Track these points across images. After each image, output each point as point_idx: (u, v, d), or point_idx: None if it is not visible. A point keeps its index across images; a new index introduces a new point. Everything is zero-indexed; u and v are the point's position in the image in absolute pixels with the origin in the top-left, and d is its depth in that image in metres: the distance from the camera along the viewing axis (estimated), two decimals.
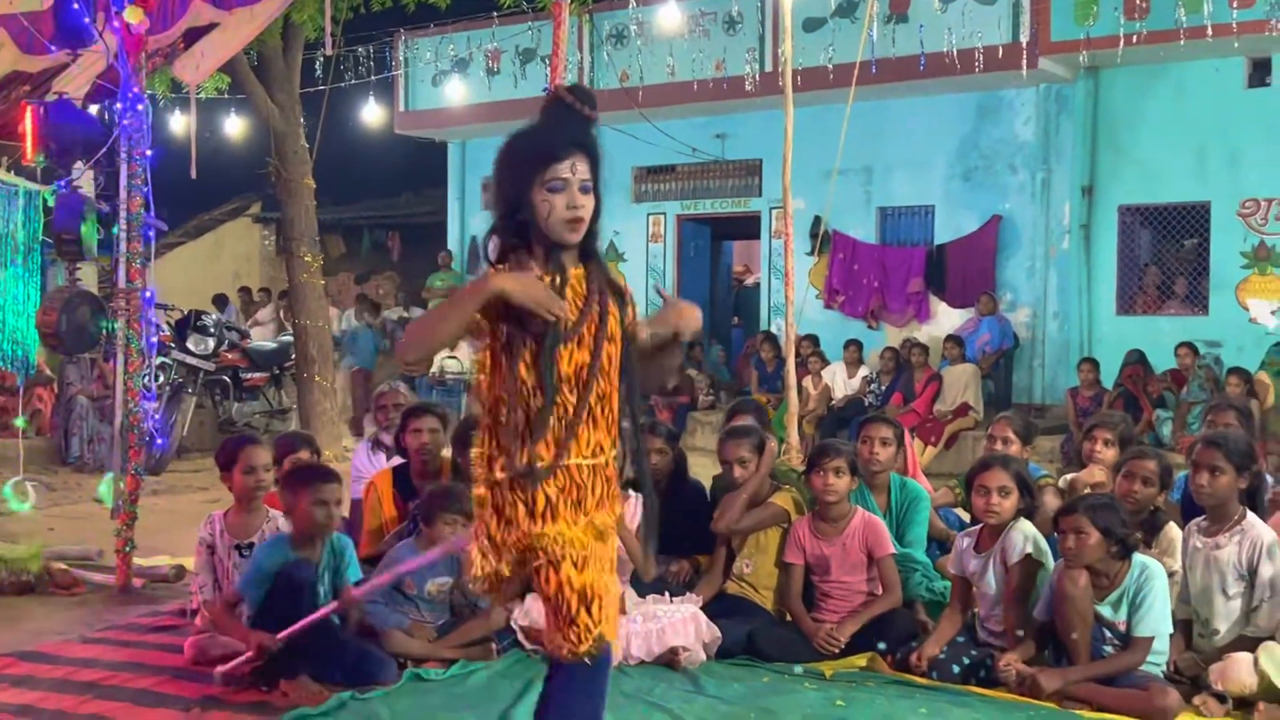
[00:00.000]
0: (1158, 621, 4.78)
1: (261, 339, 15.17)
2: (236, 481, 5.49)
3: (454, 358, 16.79)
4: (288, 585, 4.91)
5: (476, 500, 3.21)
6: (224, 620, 5.00)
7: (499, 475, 3.15)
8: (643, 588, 5.68)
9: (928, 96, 14.61)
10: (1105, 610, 4.82)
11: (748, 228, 17.07)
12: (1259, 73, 13.13)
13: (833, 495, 5.53)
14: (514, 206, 3.20)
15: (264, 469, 5.45)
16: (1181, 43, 12.25)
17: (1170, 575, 5.08)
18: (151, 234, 6.61)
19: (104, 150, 6.74)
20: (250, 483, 5.44)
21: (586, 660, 3.14)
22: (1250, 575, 4.97)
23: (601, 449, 3.22)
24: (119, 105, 6.54)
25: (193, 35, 7.26)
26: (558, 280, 3.17)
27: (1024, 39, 13.37)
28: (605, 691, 3.26)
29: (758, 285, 17.55)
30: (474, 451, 3.22)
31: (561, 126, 3.22)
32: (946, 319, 14.88)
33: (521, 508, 3.13)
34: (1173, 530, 5.45)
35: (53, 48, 6.85)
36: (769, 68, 14.80)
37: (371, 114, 17.76)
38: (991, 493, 5.20)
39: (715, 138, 16.26)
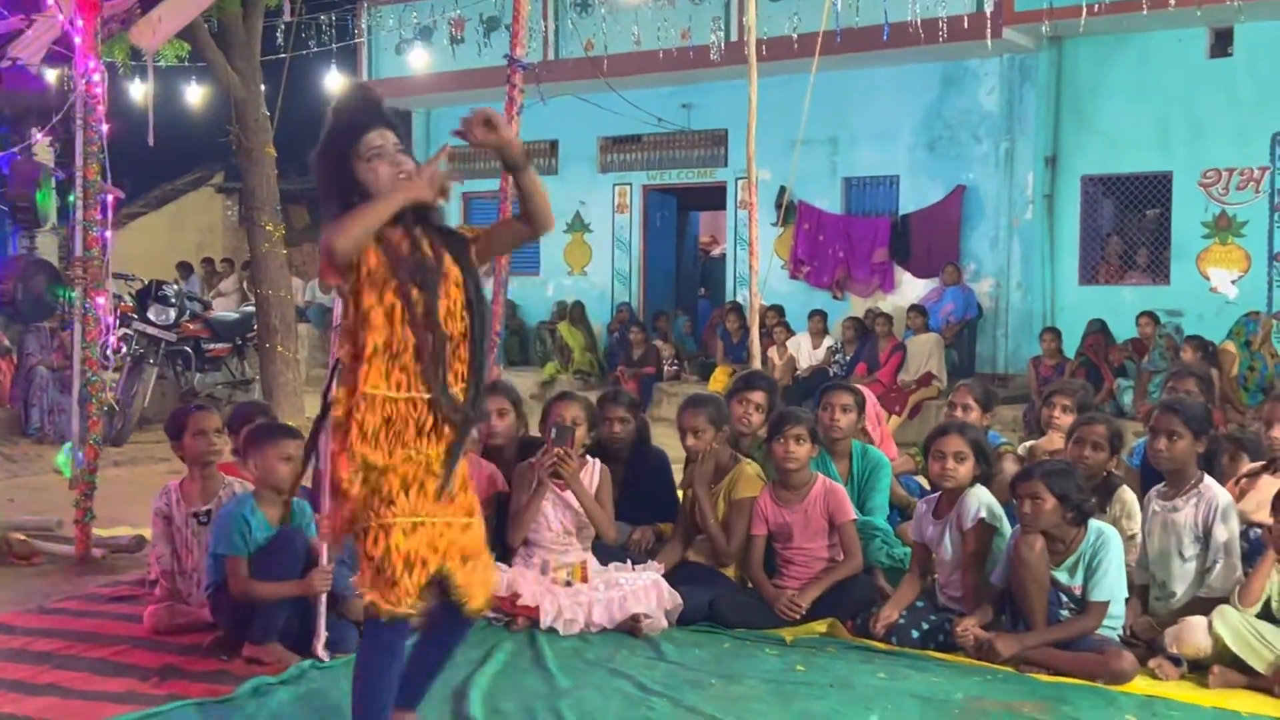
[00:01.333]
0: (1113, 586, 4.83)
1: (224, 309, 15.06)
2: (187, 446, 5.45)
3: None
4: (281, 550, 4.89)
5: (334, 421, 3.45)
6: (248, 585, 4.85)
7: (347, 396, 3.40)
8: (605, 555, 5.69)
9: (892, 66, 14.61)
10: (1061, 575, 4.86)
11: (714, 198, 17.06)
12: (1221, 43, 13.20)
13: (794, 463, 5.54)
14: (345, 191, 3.46)
15: (214, 433, 5.41)
16: (1144, 13, 12.28)
17: (1130, 538, 5.13)
18: (109, 201, 6.54)
19: (60, 117, 6.65)
20: (202, 445, 5.40)
21: (395, 621, 3.40)
22: (1205, 537, 5.03)
23: (446, 385, 3.44)
24: (74, 71, 6.45)
25: (149, 1, 7.18)
26: (410, 240, 3.45)
27: (988, 9, 13.38)
28: (402, 650, 3.56)
29: (724, 256, 17.55)
30: (332, 396, 3.50)
31: (354, 108, 3.55)
32: (911, 289, 14.94)
33: (355, 428, 3.37)
34: (1126, 493, 5.50)
35: (5, 12, 6.75)
36: (734, 37, 14.75)
37: (335, 82, 17.55)
38: (947, 458, 5.23)
39: (681, 108, 16.22)
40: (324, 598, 4.82)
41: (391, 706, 3.58)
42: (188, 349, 12.37)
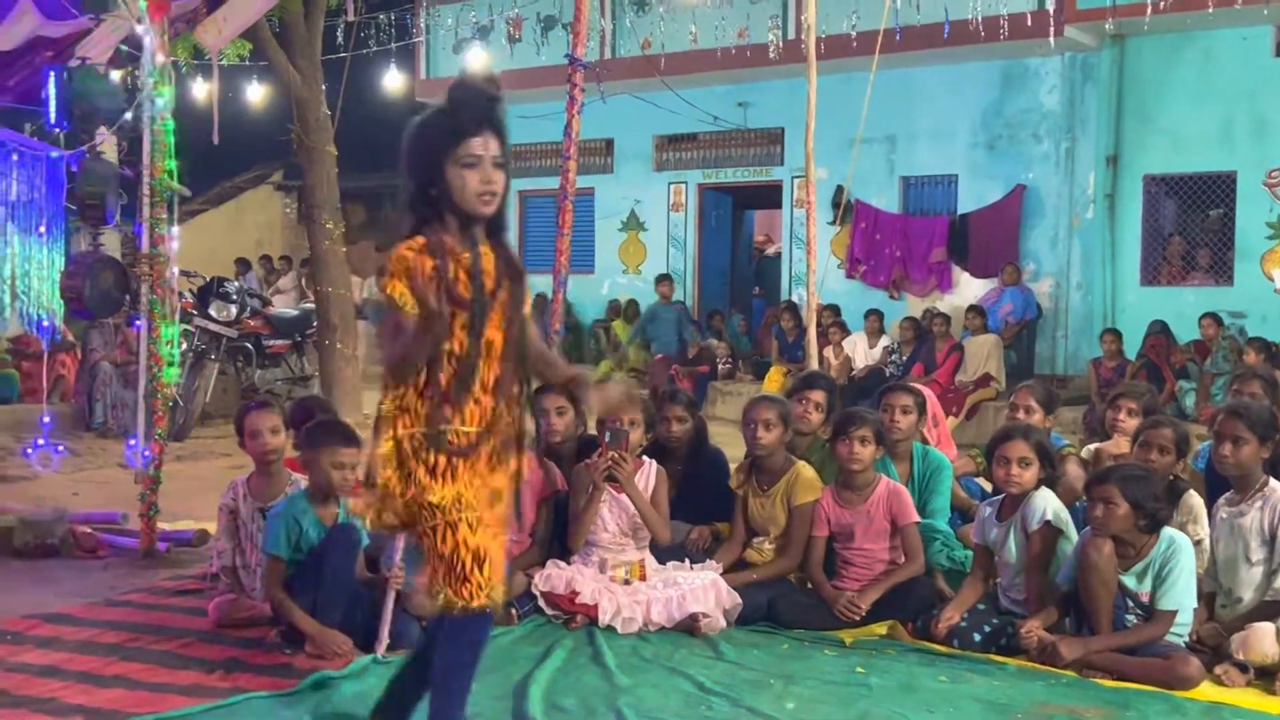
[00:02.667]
0: (1182, 595, 4.77)
1: (283, 306, 15.19)
2: (246, 446, 5.54)
3: None
4: (337, 547, 4.95)
5: (381, 455, 3.39)
6: (290, 610, 4.91)
7: (405, 432, 3.36)
8: (663, 554, 5.69)
9: (951, 64, 14.51)
10: (1129, 581, 4.80)
11: (769, 197, 17.02)
12: None
13: (858, 464, 5.52)
14: (427, 182, 3.39)
15: (269, 432, 5.45)
16: (1209, 10, 12.11)
17: (1196, 544, 5.07)
18: (175, 200, 6.62)
19: (127, 116, 6.74)
20: (257, 447, 5.47)
21: (474, 614, 3.39)
22: (1272, 541, 4.96)
23: (498, 417, 3.45)
24: (142, 70, 6.54)
25: (215, 0, 7.26)
26: (470, 255, 3.38)
27: (1050, 6, 13.26)
28: (485, 645, 3.55)
29: (778, 255, 17.49)
30: (382, 407, 3.42)
31: (471, 106, 3.39)
32: (969, 289, 14.83)
33: (423, 468, 3.35)
34: (1193, 498, 5.43)
35: (75, 12, 6.85)
36: (792, 35, 14.71)
37: (393, 81, 17.72)
38: (1012, 463, 5.18)
39: (737, 106, 16.20)
40: (391, 597, 4.85)
41: (466, 706, 3.55)
42: (248, 345, 12.49)
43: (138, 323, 6.66)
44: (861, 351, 13.89)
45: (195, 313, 11.90)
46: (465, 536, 3.36)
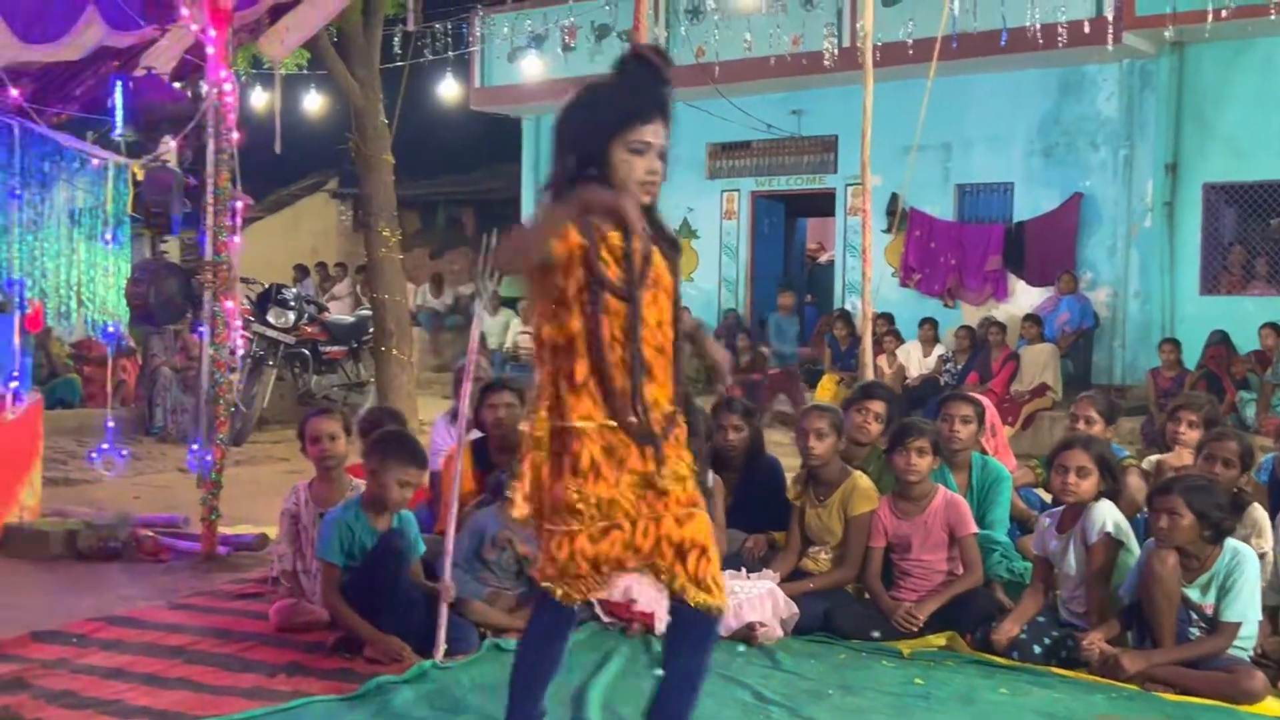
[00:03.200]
0: (1246, 607, 4.71)
1: (339, 313, 15.33)
2: (309, 452, 5.63)
3: (527, 333, 16.91)
4: (386, 555, 4.99)
5: (533, 442, 3.27)
6: (347, 616, 4.95)
7: (559, 423, 3.22)
8: (721, 563, 5.68)
9: (1008, 72, 14.42)
10: (1193, 593, 4.75)
11: (823, 205, 16.97)
12: None
13: (915, 475, 5.49)
14: (586, 160, 3.21)
15: (329, 438, 5.52)
16: (1271, 16, 11.98)
17: (1260, 557, 5.00)
18: (239, 207, 6.71)
19: (192, 125, 6.84)
20: (318, 452, 5.54)
21: (566, 603, 3.32)
22: None
23: (658, 403, 3.27)
24: (207, 80, 6.63)
25: (278, 11, 7.35)
26: (622, 235, 3.21)
27: (1108, 13, 13.14)
28: (567, 639, 3.52)
29: (831, 263, 17.44)
30: (533, 398, 3.31)
31: (646, 88, 3.23)
32: (1025, 297, 14.72)
33: (567, 462, 3.21)
34: (1257, 511, 5.35)
35: (140, 23, 6.95)
36: (847, 43, 14.69)
37: (448, 90, 17.85)
38: (1070, 472, 5.14)
39: (791, 114, 16.17)
40: (445, 605, 4.89)
41: (544, 693, 3.50)
42: (305, 351, 12.62)
43: (201, 329, 6.73)
44: (915, 360, 13.83)
45: (253, 319, 12.04)
46: (583, 547, 3.23)
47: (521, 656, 3.52)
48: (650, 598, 5.37)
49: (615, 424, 3.21)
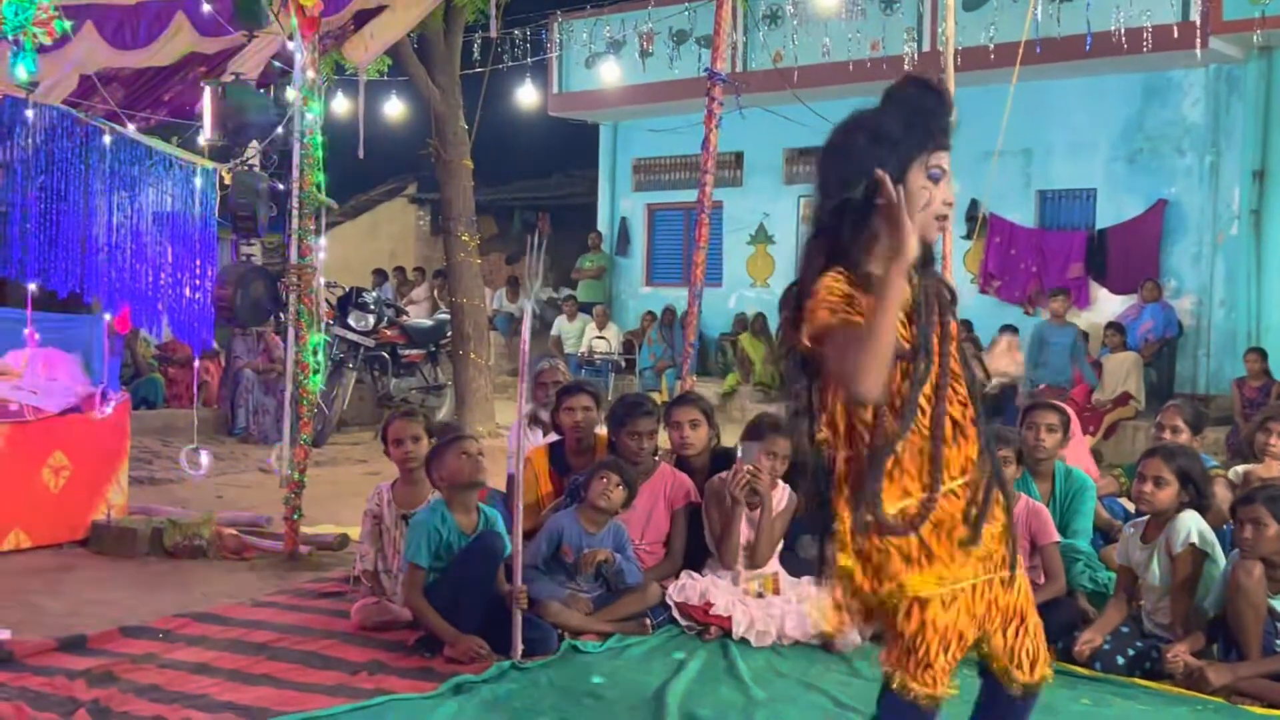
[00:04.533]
0: None
1: (416, 317, 15.48)
2: (391, 454, 5.70)
3: (602, 338, 16.96)
4: (482, 553, 5.05)
5: (842, 552, 2.84)
6: (429, 616, 5.02)
7: (870, 518, 2.78)
8: (797, 568, 5.67)
9: (1091, 77, 14.22)
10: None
11: None
12: None
13: None
14: (873, 188, 2.78)
15: (411, 440, 5.59)
16: None
17: None
18: (322, 212, 6.80)
19: (278, 130, 6.94)
20: (399, 454, 5.62)
21: (927, 703, 2.91)
22: None
23: (969, 466, 2.88)
24: (294, 86, 6.73)
25: (362, 17, 7.44)
26: (915, 286, 2.85)
27: (1195, 18, 12.92)
28: None
29: None
30: (836, 497, 2.86)
31: (940, 113, 2.94)
32: (1107, 305, 14.50)
33: (896, 554, 2.79)
34: None
35: (229, 29, 7.07)
36: (927, 48, 14.57)
37: (525, 96, 17.91)
38: (1147, 480, 5.07)
39: None
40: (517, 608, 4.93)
41: None
42: (384, 354, 12.76)
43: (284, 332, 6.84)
44: None
45: (334, 322, 12.19)
46: (935, 616, 2.82)
47: None
48: (727, 602, 5.38)
49: (937, 494, 2.82)
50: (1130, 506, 6.13)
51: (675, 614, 5.44)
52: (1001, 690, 3.09)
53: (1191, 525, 5.02)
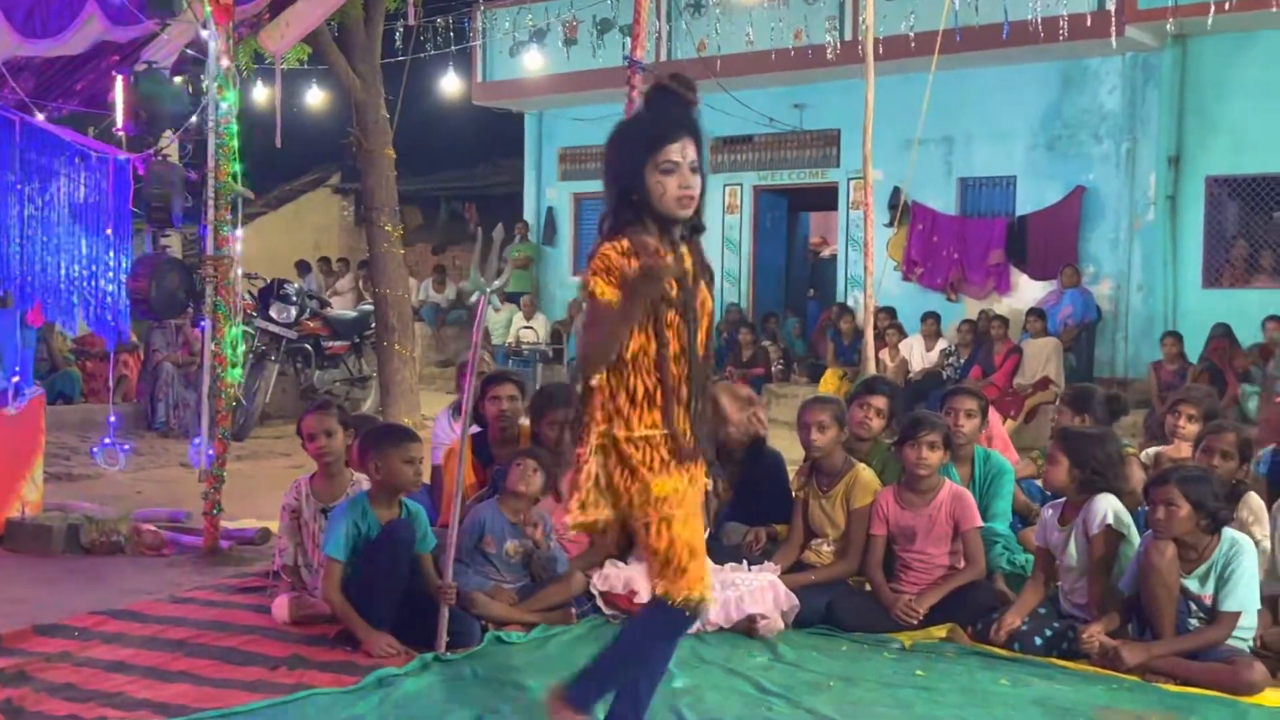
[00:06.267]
0: (1245, 597, 4.72)
1: (340, 308, 15.34)
2: (307, 449, 5.63)
3: (530, 328, 16.91)
4: (390, 544, 5.01)
5: (596, 450, 3.44)
6: (345, 612, 4.98)
7: (622, 433, 3.41)
8: (721, 555, 5.69)
9: (1010, 65, 14.39)
10: (1192, 584, 4.76)
11: (825, 199, 16.95)
12: None
13: (925, 469, 5.50)
14: (629, 188, 3.43)
15: (325, 434, 5.50)
16: (1274, 9, 11.96)
17: (1256, 544, 5.01)
18: (239, 202, 6.70)
19: (192, 119, 6.84)
20: (314, 449, 5.54)
21: (688, 607, 3.43)
22: None
23: (697, 419, 3.50)
24: (207, 75, 6.63)
25: (278, 5, 7.34)
26: (671, 254, 3.43)
27: (1110, 6, 13.12)
28: (676, 644, 3.60)
29: (834, 257, 17.43)
30: (593, 408, 3.46)
31: (669, 112, 3.46)
32: (1028, 291, 14.70)
33: (642, 464, 3.41)
34: (1255, 499, 5.35)
35: (141, 17, 6.94)
36: (849, 36, 14.66)
37: (449, 85, 17.84)
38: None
39: (793, 108, 16.15)
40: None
41: (650, 695, 3.59)
42: (308, 346, 12.63)
43: (203, 323, 6.74)
44: (918, 354, 13.82)
45: (256, 314, 12.05)
46: (679, 532, 3.41)
47: (629, 657, 3.58)
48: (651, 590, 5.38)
49: (671, 432, 3.44)
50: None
51: (600, 603, 5.45)
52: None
53: (1107, 507, 5.11)
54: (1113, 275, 14.25)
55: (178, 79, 7.18)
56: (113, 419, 8.58)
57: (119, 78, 7.02)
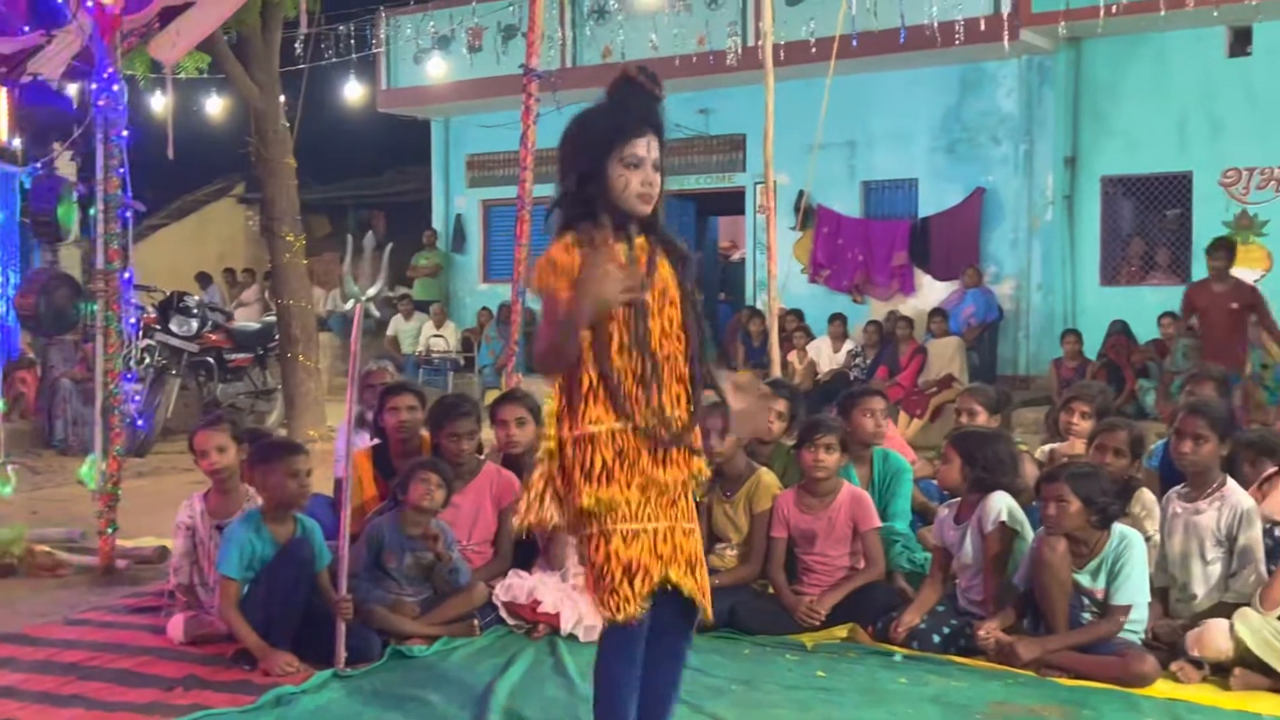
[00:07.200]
0: (1135, 590, 4.82)
1: (246, 319, 15.14)
2: (200, 466, 5.53)
3: (440, 336, 16.80)
4: (291, 563, 4.96)
5: (545, 453, 3.41)
6: (242, 630, 4.91)
7: (568, 433, 3.35)
8: None
9: (909, 69, 14.58)
10: (1084, 579, 4.85)
11: (733, 203, 17.05)
12: (1239, 42, 13.14)
13: (823, 471, 5.53)
14: (586, 178, 3.36)
15: (216, 450, 5.41)
16: (1162, 13, 12.25)
17: (1147, 539, 5.12)
18: (129, 215, 6.58)
19: (80, 132, 6.71)
20: (206, 465, 5.46)
21: (620, 626, 3.36)
22: (1230, 542, 5.01)
23: (664, 410, 3.37)
24: (94, 86, 6.50)
25: (168, 14, 7.23)
26: (625, 249, 3.37)
27: (1005, 10, 13.36)
28: (638, 655, 3.45)
29: (744, 260, 17.53)
30: (546, 408, 3.45)
31: (636, 105, 3.41)
32: (931, 292, 14.90)
33: (578, 469, 3.33)
34: (1146, 494, 5.48)
35: (26, 28, 6.81)
36: (751, 42, 14.76)
37: (354, 92, 17.70)
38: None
39: (699, 113, 16.21)
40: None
41: (633, 709, 3.50)
42: (210, 359, 12.45)
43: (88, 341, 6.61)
44: (826, 355, 13.94)
45: (156, 328, 11.85)
46: (617, 548, 3.33)
47: (599, 687, 3.52)
48: (554, 599, 5.37)
49: (625, 427, 3.33)
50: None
51: (503, 614, 5.42)
52: (679, 622, 3.54)
53: (1001, 504, 5.20)
54: (1013, 274, 14.50)
55: (69, 90, 7.04)
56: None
57: (3, 90, 6.86)
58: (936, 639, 5.12)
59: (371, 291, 17.02)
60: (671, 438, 3.37)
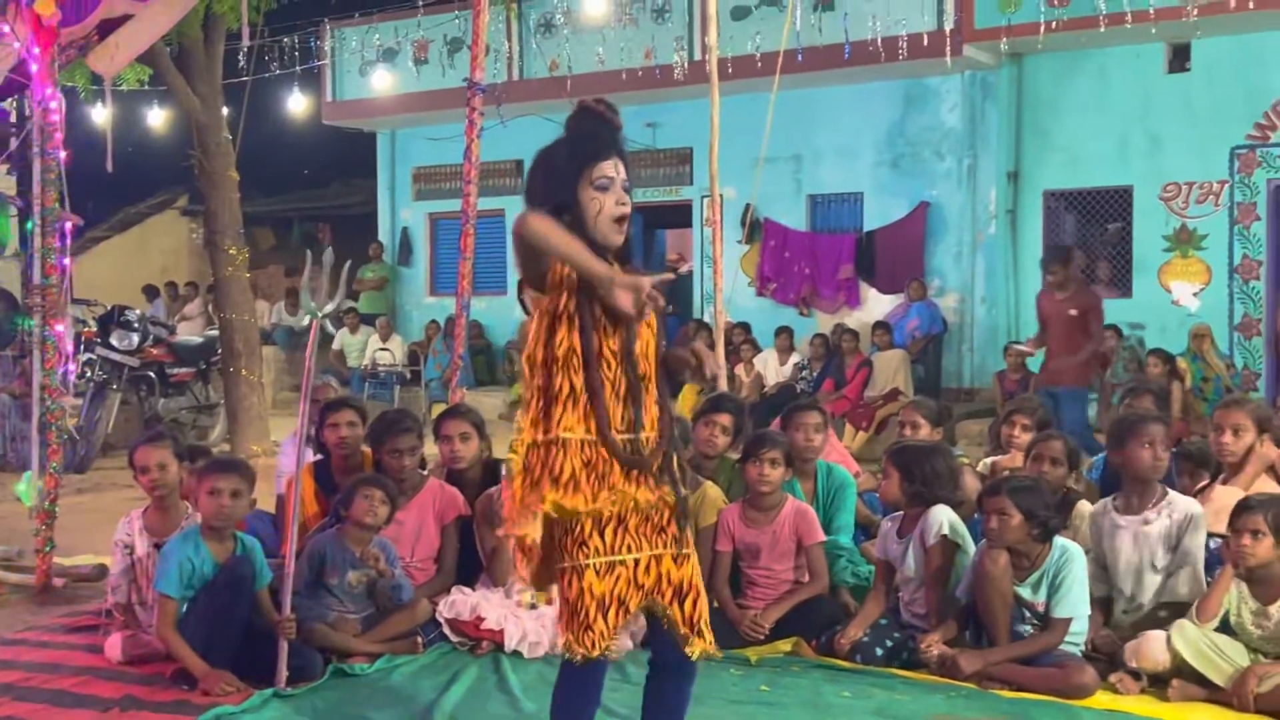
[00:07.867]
0: (1076, 603, 4.86)
1: (190, 333, 14.98)
2: (139, 482, 5.46)
3: (386, 350, 16.70)
4: (231, 581, 4.90)
5: (516, 462, 3.37)
6: (181, 650, 4.85)
7: (540, 436, 3.32)
8: None
9: (855, 84, 14.68)
10: (1025, 591, 4.89)
11: (680, 216, 17.09)
12: (1179, 58, 13.34)
13: (767, 486, 5.54)
14: (560, 207, 3.34)
15: (157, 467, 5.35)
16: (1102, 29, 12.41)
17: (1087, 552, 5.16)
18: (68, 228, 6.49)
19: (17, 145, 6.62)
20: (145, 482, 5.39)
21: (589, 662, 3.32)
22: (1175, 547, 5.08)
23: (635, 426, 3.37)
24: (31, 99, 6.42)
25: (107, 27, 7.15)
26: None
27: (948, 26, 13.48)
28: (598, 686, 3.48)
29: (691, 273, 17.56)
30: (519, 415, 3.42)
31: (598, 131, 3.41)
32: (877, 305, 14.99)
33: (546, 474, 3.30)
34: (1086, 507, 5.54)
35: None
36: (697, 56, 14.81)
37: (298, 104, 17.59)
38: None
39: (646, 127, 16.23)
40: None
41: None
42: (151, 374, 12.30)
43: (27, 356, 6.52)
44: (773, 369, 13.99)
45: (97, 342, 11.70)
46: (590, 583, 3.30)
47: (554, 711, 3.56)
48: (498, 616, 5.34)
49: (598, 440, 3.31)
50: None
51: (446, 630, 5.39)
52: (675, 655, 3.46)
53: (943, 518, 5.22)
54: (957, 288, 14.62)
55: (3, 104, 6.95)
56: None
57: None
58: (880, 652, 5.13)
59: (329, 308, 16.86)
60: (640, 459, 3.36)
